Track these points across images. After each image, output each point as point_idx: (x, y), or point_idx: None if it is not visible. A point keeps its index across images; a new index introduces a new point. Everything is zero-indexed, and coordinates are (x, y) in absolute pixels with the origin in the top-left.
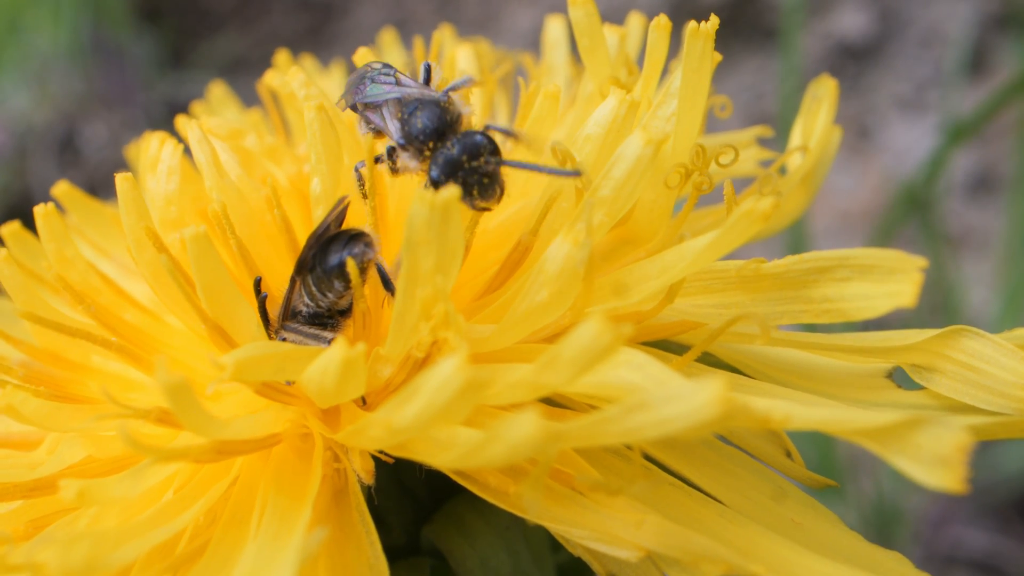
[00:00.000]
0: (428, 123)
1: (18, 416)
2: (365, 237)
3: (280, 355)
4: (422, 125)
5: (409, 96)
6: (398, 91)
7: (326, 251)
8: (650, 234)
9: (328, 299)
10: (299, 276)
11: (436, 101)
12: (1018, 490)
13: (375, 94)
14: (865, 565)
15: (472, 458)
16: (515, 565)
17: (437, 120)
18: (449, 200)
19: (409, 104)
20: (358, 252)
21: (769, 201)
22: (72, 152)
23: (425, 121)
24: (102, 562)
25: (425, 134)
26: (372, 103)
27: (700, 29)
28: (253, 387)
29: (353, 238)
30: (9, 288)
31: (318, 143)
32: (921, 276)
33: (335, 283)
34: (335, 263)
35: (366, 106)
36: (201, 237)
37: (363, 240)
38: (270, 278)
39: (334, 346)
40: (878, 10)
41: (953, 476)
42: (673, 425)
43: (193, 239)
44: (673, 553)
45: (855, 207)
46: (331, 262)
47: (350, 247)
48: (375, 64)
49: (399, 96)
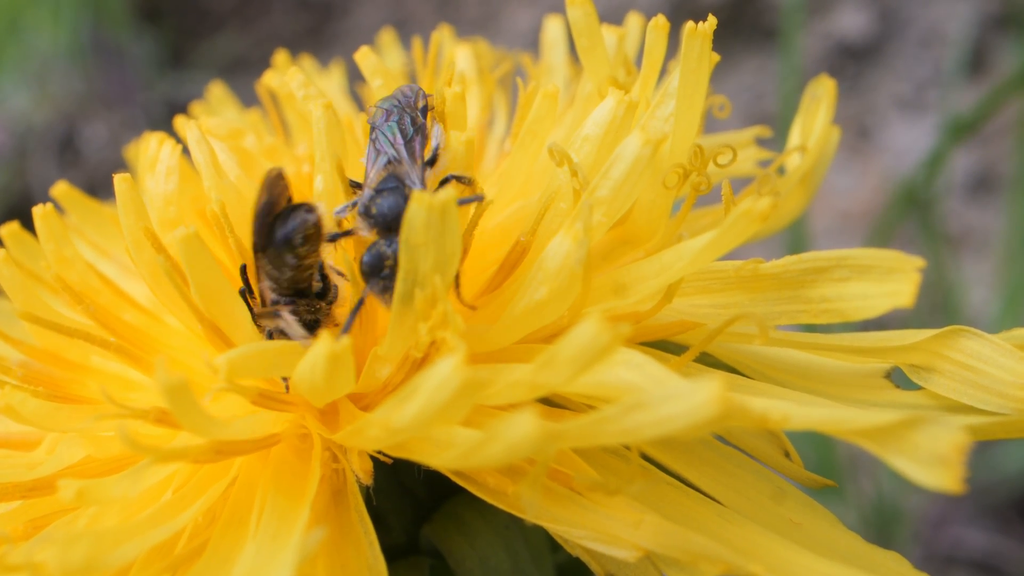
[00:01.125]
0: (380, 215)
1: (17, 416)
2: (306, 205)
3: (271, 352)
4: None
5: (398, 168)
6: (396, 153)
7: (272, 227)
8: (648, 234)
9: (286, 276)
10: (256, 260)
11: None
12: (1018, 490)
13: (392, 134)
14: (864, 565)
15: (470, 458)
16: (514, 564)
17: (395, 213)
18: (447, 201)
19: (390, 177)
20: (299, 221)
21: (767, 201)
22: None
23: (380, 211)
24: (101, 562)
25: (375, 221)
26: (377, 141)
27: (698, 29)
28: (250, 398)
29: (295, 208)
30: (8, 288)
31: (323, 141)
32: (919, 276)
33: (287, 257)
34: (280, 236)
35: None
36: (192, 238)
37: (304, 208)
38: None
39: (319, 341)
40: (878, 10)
41: (951, 476)
42: (671, 425)
43: (184, 240)
44: (671, 553)
45: (855, 207)
46: (276, 236)
47: (292, 218)
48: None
49: (391, 159)
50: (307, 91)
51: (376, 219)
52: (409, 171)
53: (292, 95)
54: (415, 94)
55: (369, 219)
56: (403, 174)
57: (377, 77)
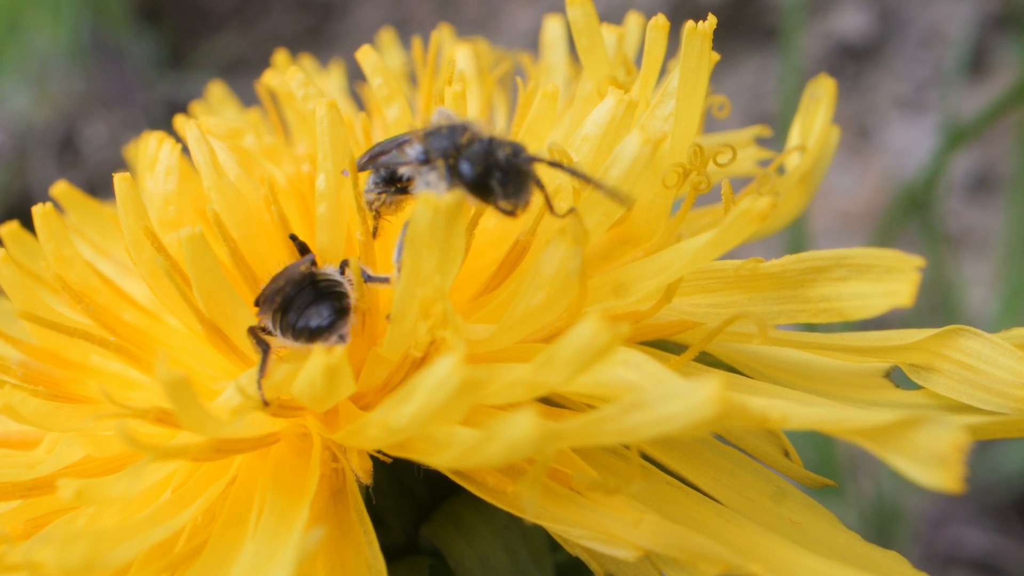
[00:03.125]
0: (454, 132)
1: (17, 416)
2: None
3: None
4: (447, 131)
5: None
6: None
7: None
8: (648, 233)
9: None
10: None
11: (460, 121)
12: (1017, 490)
13: (396, 140)
14: (863, 565)
15: (470, 457)
16: (514, 564)
17: (459, 129)
18: (453, 204)
19: (431, 127)
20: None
21: (766, 200)
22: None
23: (451, 132)
24: (100, 561)
25: (451, 139)
26: (387, 147)
27: (698, 29)
28: (270, 412)
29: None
30: (8, 288)
31: (326, 139)
32: (918, 275)
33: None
34: (301, 326)
35: (377, 155)
36: (197, 238)
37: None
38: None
39: (314, 355)
40: (878, 10)
41: (950, 475)
42: (671, 424)
43: (189, 240)
44: (671, 552)
45: (855, 207)
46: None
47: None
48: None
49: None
50: (307, 90)
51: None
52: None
53: (292, 94)
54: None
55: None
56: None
57: (378, 75)
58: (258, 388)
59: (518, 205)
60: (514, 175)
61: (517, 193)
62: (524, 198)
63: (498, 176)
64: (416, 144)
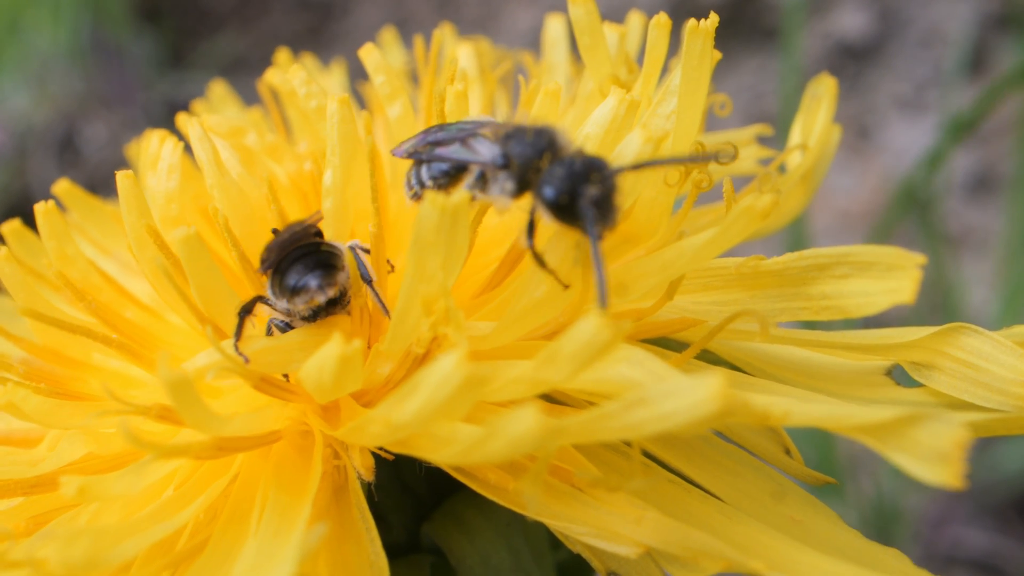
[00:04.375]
0: (540, 137)
1: (19, 413)
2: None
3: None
4: (532, 138)
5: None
6: (490, 122)
7: (291, 264)
8: (650, 231)
9: (284, 304)
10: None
11: (545, 124)
12: (1017, 490)
13: (460, 128)
14: (864, 562)
15: (472, 454)
16: (515, 562)
17: (547, 136)
18: (459, 204)
19: (509, 127)
20: (312, 286)
21: (768, 198)
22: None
23: (536, 136)
24: (102, 558)
25: (536, 147)
26: (453, 137)
27: (699, 27)
28: (251, 383)
29: (318, 265)
30: (10, 286)
31: (335, 134)
32: (920, 273)
33: (294, 299)
34: (291, 284)
35: (439, 143)
36: (192, 238)
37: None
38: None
39: (331, 342)
40: (878, 10)
41: (951, 472)
42: (672, 421)
43: (184, 240)
44: (672, 549)
45: (855, 206)
46: (288, 282)
47: (308, 279)
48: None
49: (491, 123)
50: (309, 88)
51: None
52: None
53: (294, 93)
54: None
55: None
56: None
57: (380, 74)
58: (235, 348)
59: (608, 228)
60: (605, 199)
61: (606, 216)
62: (613, 219)
63: (590, 201)
64: (491, 144)
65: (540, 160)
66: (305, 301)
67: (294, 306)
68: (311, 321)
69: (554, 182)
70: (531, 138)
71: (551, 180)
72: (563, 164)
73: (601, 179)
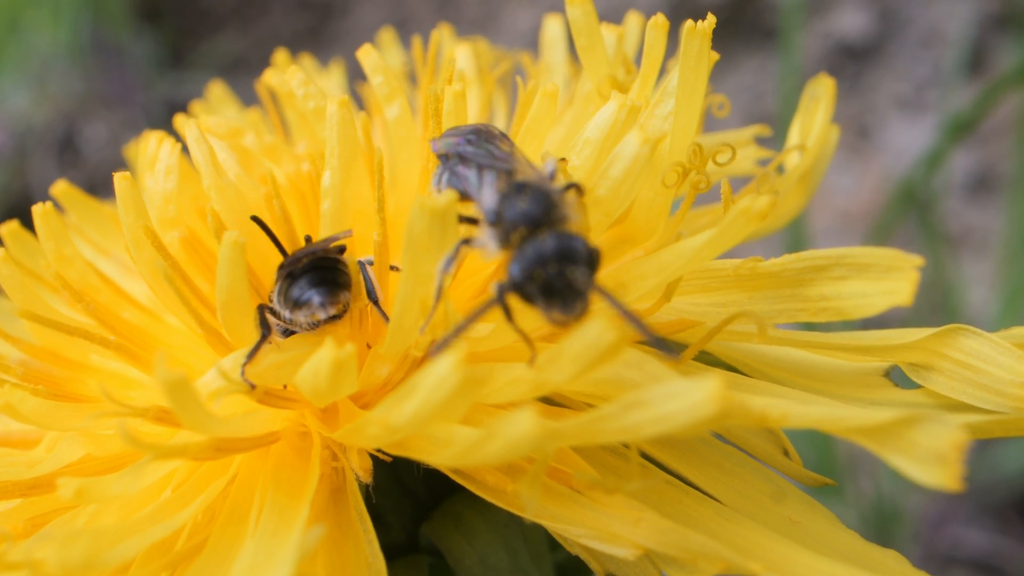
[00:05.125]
0: (531, 207)
1: (17, 415)
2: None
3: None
4: (523, 207)
5: (523, 174)
6: (514, 163)
7: (300, 276)
8: (648, 233)
9: (287, 314)
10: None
11: (549, 191)
12: (1017, 490)
13: (489, 154)
14: (863, 563)
15: (470, 456)
16: (513, 563)
17: (541, 206)
18: (447, 206)
19: (518, 182)
20: (315, 302)
21: (765, 200)
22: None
23: (529, 204)
24: (100, 559)
25: (522, 217)
26: (475, 160)
27: (697, 28)
28: (255, 397)
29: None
30: (8, 287)
31: (334, 136)
32: (917, 274)
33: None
34: (295, 296)
35: (463, 159)
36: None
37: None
38: (267, 277)
39: (324, 347)
40: (878, 10)
41: (949, 474)
42: (670, 423)
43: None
44: (671, 551)
45: (855, 207)
46: (293, 294)
47: (312, 294)
48: (494, 129)
49: (511, 168)
50: (307, 89)
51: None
52: (540, 176)
53: (292, 93)
54: (487, 129)
55: (506, 224)
56: (536, 177)
57: (378, 74)
58: (241, 373)
59: (564, 316)
60: (565, 291)
61: (563, 307)
62: (576, 311)
63: (539, 287)
64: (495, 194)
65: (526, 229)
66: (306, 315)
67: (296, 317)
68: (312, 330)
69: (520, 263)
70: (525, 206)
71: (520, 259)
72: (536, 244)
73: (570, 268)
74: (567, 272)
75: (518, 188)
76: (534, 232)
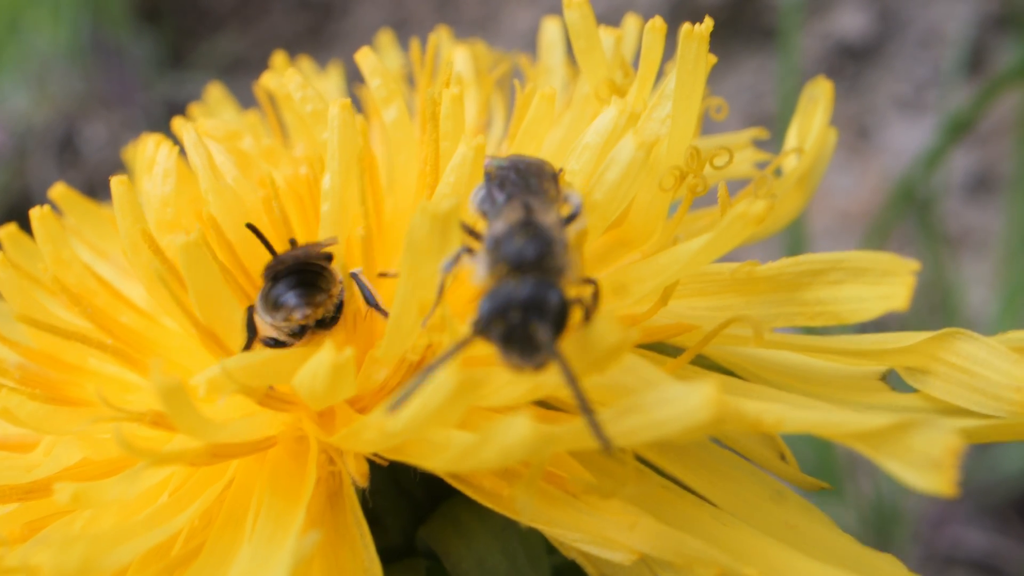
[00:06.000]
0: (525, 248)
1: (14, 419)
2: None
3: (270, 361)
4: (517, 246)
5: (541, 215)
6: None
7: (282, 278)
8: (645, 236)
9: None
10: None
11: (552, 240)
12: (1017, 490)
13: (526, 185)
14: (859, 568)
15: (466, 460)
16: (511, 566)
17: (535, 250)
18: (448, 213)
19: (530, 220)
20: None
21: (762, 204)
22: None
23: (524, 244)
24: (97, 564)
25: (511, 255)
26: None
27: (695, 31)
28: (256, 399)
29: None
30: (5, 290)
31: (335, 139)
32: (914, 279)
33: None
34: (273, 297)
35: (502, 183)
36: (194, 245)
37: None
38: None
39: (323, 351)
40: (877, 10)
41: (944, 479)
42: (666, 428)
43: (185, 247)
44: (666, 556)
45: (854, 207)
46: (271, 295)
47: (288, 296)
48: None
49: (534, 206)
50: (305, 92)
51: (511, 257)
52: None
53: (290, 96)
54: (541, 164)
55: (498, 255)
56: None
57: (376, 77)
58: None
59: (521, 364)
60: (517, 342)
61: (522, 356)
62: (533, 363)
63: (499, 333)
64: (505, 223)
65: (508, 267)
66: (284, 317)
67: (275, 321)
68: (299, 339)
69: (488, 302)
70: (520, 245)
71: (490, 298)
72: (509, 289)
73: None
74: (530, 325)
75: (524, 225)
76: (515, 273)
